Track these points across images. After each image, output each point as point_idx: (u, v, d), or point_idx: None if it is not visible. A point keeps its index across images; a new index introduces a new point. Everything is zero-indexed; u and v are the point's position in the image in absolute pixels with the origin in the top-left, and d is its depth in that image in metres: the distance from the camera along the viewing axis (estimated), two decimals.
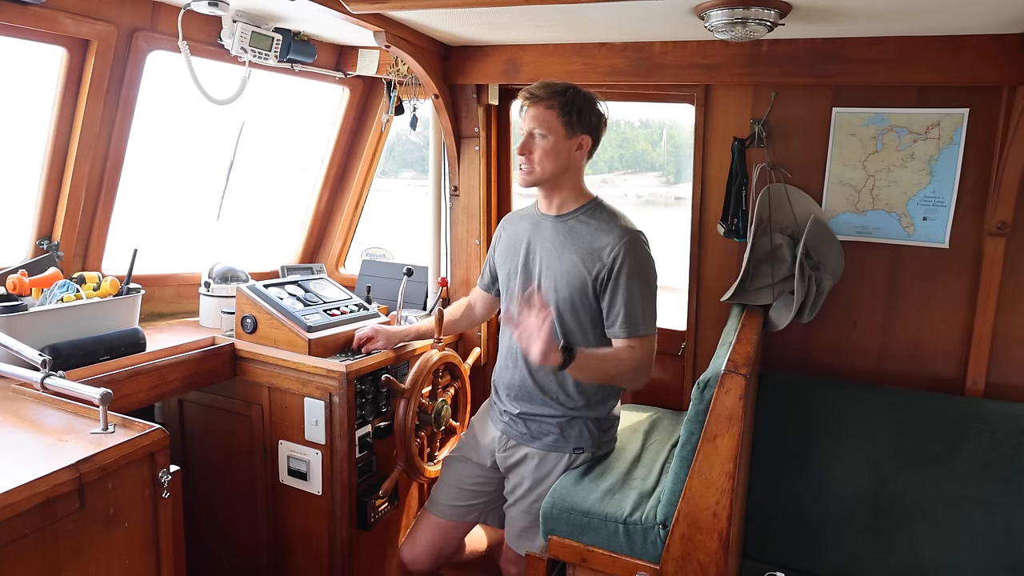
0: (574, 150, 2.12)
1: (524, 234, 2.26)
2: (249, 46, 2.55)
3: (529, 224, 2.27)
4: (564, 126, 2.08)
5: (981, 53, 2.14)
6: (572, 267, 2.11)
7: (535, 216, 2.26)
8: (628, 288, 2.05)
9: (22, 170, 2.48)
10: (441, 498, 2.43)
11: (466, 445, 2.45)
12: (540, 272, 2.18)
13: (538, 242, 2.21)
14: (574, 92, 2.10)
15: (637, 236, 2.09)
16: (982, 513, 2.19)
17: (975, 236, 2.35)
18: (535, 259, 2.21)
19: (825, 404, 2.43)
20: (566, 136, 2.09)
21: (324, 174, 3.42)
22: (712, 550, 1.76)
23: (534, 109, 2.08)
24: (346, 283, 3.18)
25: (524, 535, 2.24)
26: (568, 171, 2.14)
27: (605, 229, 2.11)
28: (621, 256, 2.05)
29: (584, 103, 2.10)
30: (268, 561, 2.64)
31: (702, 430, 1.76)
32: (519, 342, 1.92)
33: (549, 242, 2.18)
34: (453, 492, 2.42)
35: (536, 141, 2.09)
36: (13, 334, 1.97)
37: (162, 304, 2.90)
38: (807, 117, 2.47)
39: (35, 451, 1.60)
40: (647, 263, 2.09)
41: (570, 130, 2.09)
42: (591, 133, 2.14)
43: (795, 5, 1.89)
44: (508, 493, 2.32)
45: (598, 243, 2.09)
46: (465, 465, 2.42)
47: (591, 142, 2.15)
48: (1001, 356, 2.37)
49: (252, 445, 2.58)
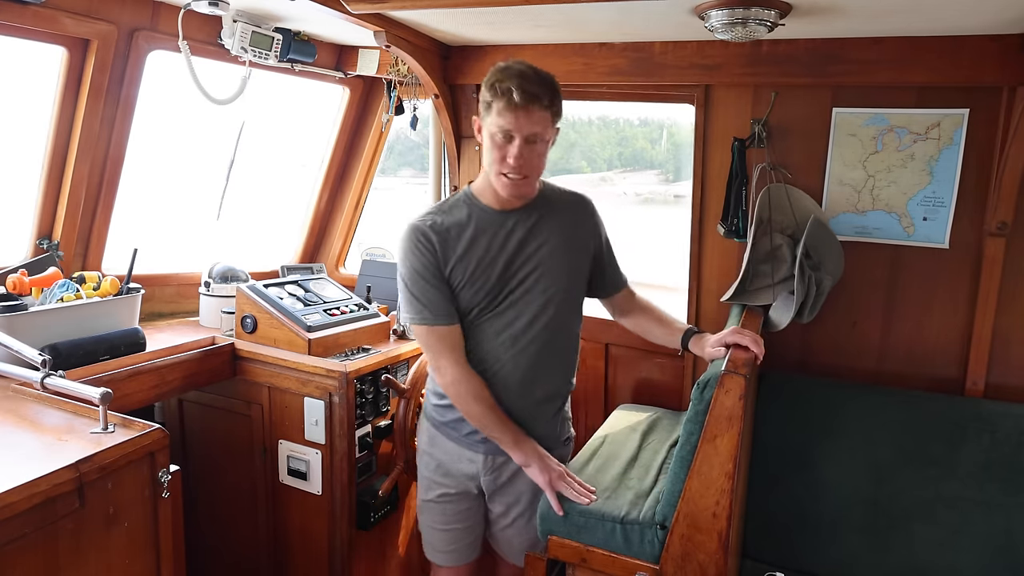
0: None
1: (482, 237, 1.92)
2: (249, 46, 2.55)
3: (475, 224, 1.92)
4: (553, 124, 1.84)
5: (981, 53, 2.14)
6: (571, 250, 1.99)
7: (485, 215, 1.93)
8: (609, 243, 2.14)
9: (22, 170, 2.48)
10: (443, 545, 2.19)
11: (435, 484, 2.14)
12: (535, 268, 1.94)
13: (512, 239, 1.93)
14: (556, 81, 1.84)
15: (589, 199, 2.11)
16: (982, 514, 2.19)
17: (975, 236, 2.35)
18: (518, 259, 1.94)
19: (825, 404, 2.43)
20: (554, 133, 1.87)
21: (324, 174, 3.42)
22: (712, 550, 1.76)
23: (529, 113, 1.76)
24: (346, 283, 3.18)
25: (532, 548, 2.08)
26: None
27: (570, 202, 2.03)
28: (598, 219, 2.10)
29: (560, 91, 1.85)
30: (268, 561, 2.65)
31: (702, 430, 1.76)
32: (759, 349, 1.85)
33: (529, 234, 1.94)
34: (452, 534, 2.17)
35: (533, 147, 1.80)
36: (13, 334, 1.97)
37: (162, 304, 2.91)
38: (807, 117, 2.47)
39: (35, 451, 1.60)
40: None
41: (555, 125, 1.86)
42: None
43: (795, 5, 1.89)
44: (501, 515, 2.14)
45: (578, 217, 2.03)
46: (448, 504, 2.14)
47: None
48: (1001, 356, 2.36)
49: (252, 445, 2.58)
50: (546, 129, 1.82)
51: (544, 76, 1.81)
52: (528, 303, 1.95)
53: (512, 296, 1.95)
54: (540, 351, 1.98)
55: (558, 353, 2.06)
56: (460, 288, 1.93)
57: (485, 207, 1.95)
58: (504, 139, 1.79)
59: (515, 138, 1.78)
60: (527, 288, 1.95)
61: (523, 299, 1.95)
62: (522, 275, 1.94)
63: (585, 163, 4.18)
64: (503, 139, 1.79)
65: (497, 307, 1.96)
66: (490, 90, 1.79)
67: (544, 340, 1.98)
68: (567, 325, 2.06)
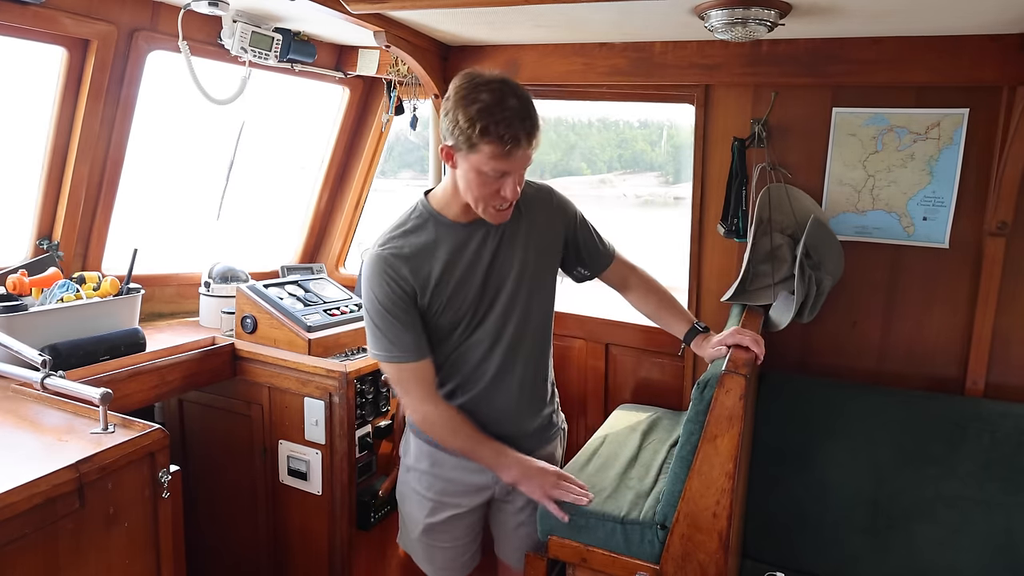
0: None
1: (456, 256, 1.82)
2: (249, 46, 2.55)
3: (446, 245, 1.82)
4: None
5: (981, 53, 2.14)
6: (543, 244, 1.94)
7: (451, 230, 1.83)
8: (584, 220, 2.04)
9: (22, 170, 2.48)
10: (448, 562, 2.09)
11: (444, 505, 2.01)
12: (514, 272, 1.88)
13: (486, 250, 1.85)
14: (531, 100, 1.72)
15: (549, 186, 2.02)
16: (982, 513, 2.19)
17: (975, 236, 2.35)
18: (495, 268, 1.86)
19: (825, 404, 2.43)
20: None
21: (324, 174, 3.42)
22: (712, 550, 1.76)
23: (529, 151, 1.68)
24: (346, 283, 3.18)
25: (534, 548, 2.06)
26: None
27: (533, 198, 1.93)
28: (562, 202, 2.00)
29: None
30: (268, 561, 2.65)
31: (702, 430, 1.76)
32: (759, 349, 1.86)
33: (503, 240, 1.87)
34: (458, 549, 2.08)
35: (517, 179, 1.72)
36: (13, 334, 1.97)
37: (162, 304, 2.90)
38: (807, 117, 2.47)
39: (35, 451, 1.60)
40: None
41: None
42: None
43: (795, 5, 1.89)
44: (513, 514, 2.07)
45: (545, 210, 1.95)
46: (459, 522, 2.04)
47: None
48: (1001, 356, 2.36)
49: (252, 445, 2.58)
50: (528, 161, 1.73)
51: (530, 103, 1.69)
52: (512, 307, 1.89)
53: (496, 306, 1.88)
54: (530, 350, 1.95)
55: (542, 345, 2.02)
56: (439, 313, 1.83)
57: (451, 223, 1.82)
58: (496, 176, 1.69)
59: (510, 175, 1.70)
60: (510, 293, 1.88)
61: (508, 304, 1.88)
62: (502, 283, 1.87)
63: (585, 165, 4.18)
64: (495, 176, 1.69)
65: (482, 319, 1.88)
66: (482, 133, 1.62)
67: (531, 339, 1.95)
68: (548, 316, 2.03)
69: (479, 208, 1.75)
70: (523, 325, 1.93)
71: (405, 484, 2.09)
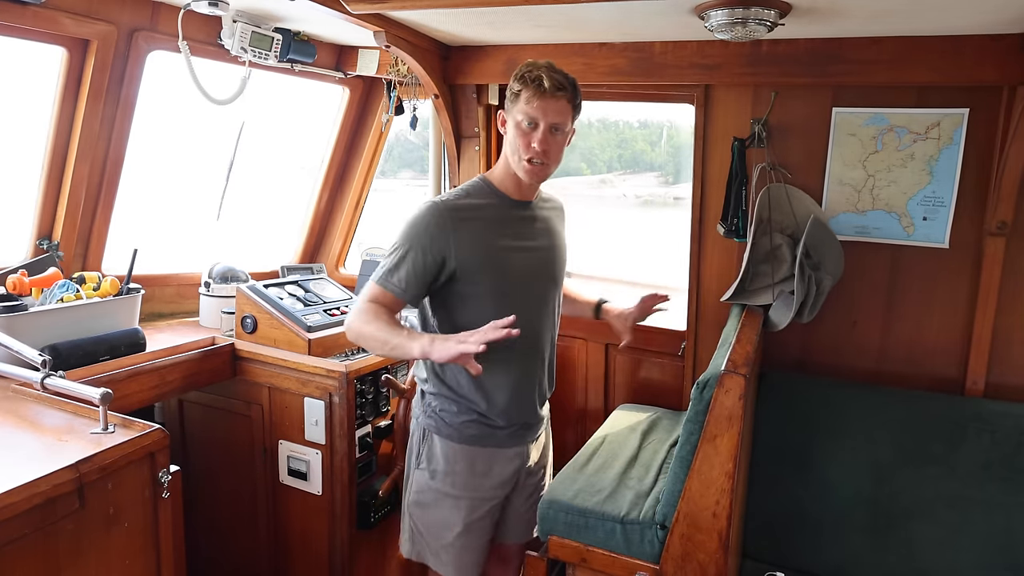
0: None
1: (506, 226, 1.99)
2: (249, 46, 2.55)
3: (497, 215, 1.98)
4: (573, 119, 1.95)
5: (981, 53, 2.14)
6: (562, 244, 2.14)
7: (504, 204, 2.00)
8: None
9: (22, 170, 2.48)
10: (472, 560, 2.09)
11: (482, 501, 2.05)
12: (547, 259, 2.07)
13: (526, 228, 2.03)
14: (576, 81, 1.95)
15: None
16: (982, 513, 2.19)
17: (975, 236, 2.35)
18: (535, 248, 2.04)
19: (825, 404, 2.43)
20: (572, 131, 1.99)
21: (324, 174, 3.42)
22: (712, 550, 1.76)
23: (555, 102, 1.87)
24: (346, 283, 3.18)
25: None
26: None
27: (557, 206, 2.18)
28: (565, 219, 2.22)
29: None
30: (268, 561, 2.65)
31: (702, 430, 1.76)
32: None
33: (542, 226, 2.06)
34: (483, 547, 2.11)
35: (555, 136, 1.91)
36: (13, 334, 1.97)
37: (162, 304, 2.91)
38: (807, 117, 2.47)
39: (35, 451, 1.60)
40: None
41: (574, 121, 1.98)
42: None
43: (795, 5, 1.89)
44: (527, 498, 2.15)
45: (561, 219, 2.18)
46: (491, 516, 2.09)
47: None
48: (1001, 356, 2.36)
49: (252, 445, 2.58)
50: (567, 121, 1.92)
51: (568, 74, 1.93)
52: (544, 289, 2.05)
53: (532, 283, 2.02)
54: (551, 337, 2.10)
55: (554, 336, 2.14)
56: (477, 271, 1.92)
57: (505, 196, 2.01)
58: (530, 126, 1.89)
59: (540, 125, 1.88)
60: (546, 276, 2.06)
61: (542, 285, 2.04)
62: (539, 264, 2.04)
63: (585, 165, 4.19)
64: (529, 126, 1.89)
65: (519, 292, 1.98)
66: (519, 80, 1.89)
67: (551, 327, 2.09)
68: (558, 311, 2.15)
69: (515, 162, 1.94)
70: (548, 309, 2.06)
71: (430, 491, 2.05)
